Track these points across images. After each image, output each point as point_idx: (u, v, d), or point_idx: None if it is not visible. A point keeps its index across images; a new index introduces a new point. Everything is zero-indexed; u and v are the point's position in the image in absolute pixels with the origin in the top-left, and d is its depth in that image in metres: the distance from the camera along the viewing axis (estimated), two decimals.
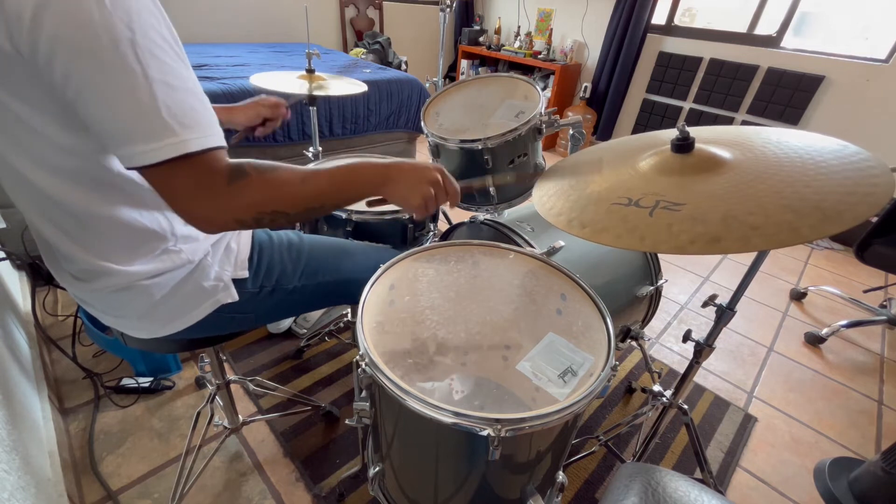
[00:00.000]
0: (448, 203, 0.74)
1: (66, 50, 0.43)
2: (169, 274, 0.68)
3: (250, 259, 0.78)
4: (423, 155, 3.13)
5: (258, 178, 0.56)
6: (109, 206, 0.59)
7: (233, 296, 0.74)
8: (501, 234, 1.11)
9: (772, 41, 2.80)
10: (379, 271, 0.76)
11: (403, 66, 3.52)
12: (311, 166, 0.64)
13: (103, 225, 0.60)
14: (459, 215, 2.01)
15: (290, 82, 1.39)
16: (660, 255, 1.27)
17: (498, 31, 4.00)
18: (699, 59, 3.04)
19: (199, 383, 1.36)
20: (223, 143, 0.55)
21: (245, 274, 0.76)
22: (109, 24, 0.44)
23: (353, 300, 0.89)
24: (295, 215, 0.61)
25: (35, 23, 0.42)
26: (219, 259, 0.73)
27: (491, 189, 1.12)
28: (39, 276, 1.54)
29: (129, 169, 0.52)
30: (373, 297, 0.72)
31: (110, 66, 0.45)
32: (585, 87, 3.55)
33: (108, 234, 0.61)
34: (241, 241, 0.78)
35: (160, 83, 0.48)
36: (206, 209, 0.54)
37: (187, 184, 0.52)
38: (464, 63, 4.13)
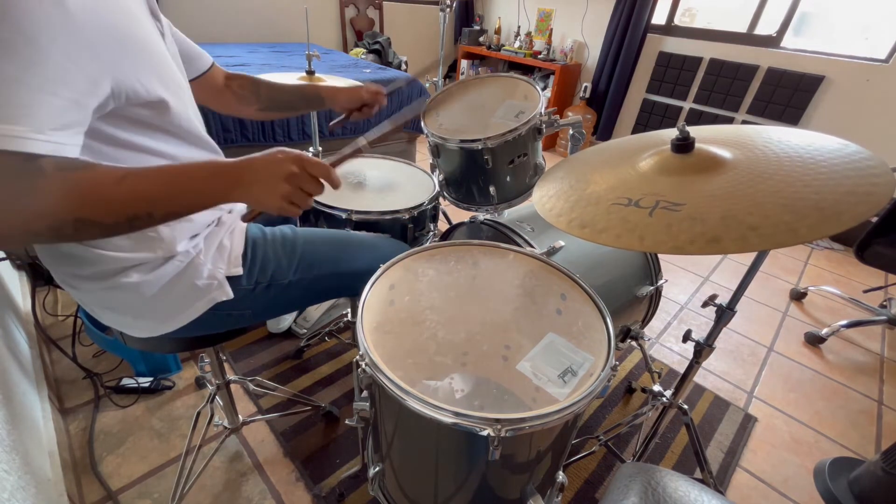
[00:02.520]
0: (330, 186, 0.64)
1: None
2: (157, 271, 0.67)
3: (244, 256, 0.78)
4: (423, 155, 3.13)
5: (58, 176, 0.46)
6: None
7: (228, 293, 0.74)
8: (501, 234, 1.11)
9: (772, 41, 2.80)
10: (379, 271, 0.76)
11: (403, 66, 3.52)
12: (140, 166, 0.54)
13: None
14: (459, 215, 2.01)
15: (290, 82, 1.39)
16: (660, 255, 1.27)
17: (498, 31, 4.00)
18: (699, 59, 3.04)
19: (199, 383, 1.36)
20: (51, 151, 0.46)
21: (239, 271, 0.76)
22: None
23: (353, 293, 0.88)
24: (112, 226, 0.51)
25: None
26: (211, 257, 0.73)
27: (491, 189, 1.13)
28: (39, 276, 1.54)
29: None
30: (373, 297, 0.72)
31: None
32: (585, 87, 3.55)
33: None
34: (233, 238, 0.78)
35: None
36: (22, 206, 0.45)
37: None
38: (464, 63, 4.13)
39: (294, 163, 0.60)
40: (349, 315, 1.59)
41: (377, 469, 0.77)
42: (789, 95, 2.71)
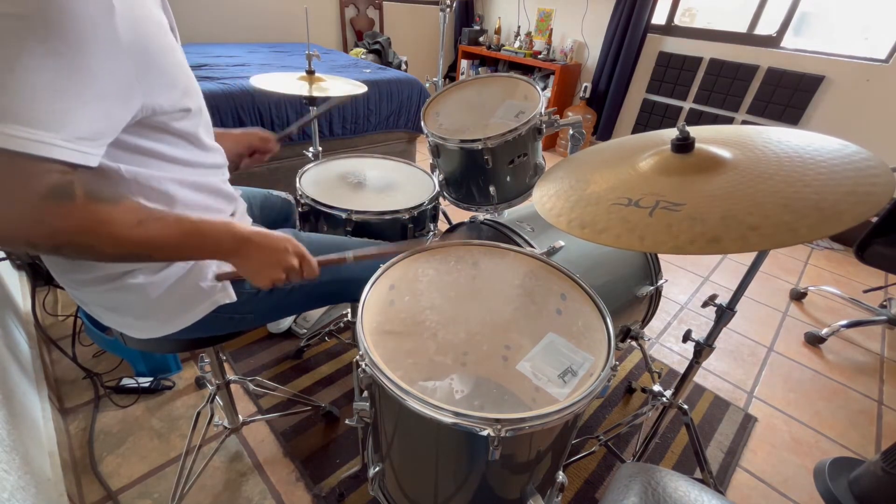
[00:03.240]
0: (310, 279, 0.72)
1: None
2: (162, 272, 0.67)
3: None
4: (423, 155, 3.13)
5: (84, 207, 0.48)
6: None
7: (231, 296, 0.74)
8: (501, 234, 1.11)
9: (772, 41, 2.80)
10: (379, 271, 0.76)
11: (403, 66, 3.52)
12: (160, 207, 0.57)
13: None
14: (459, 215, 2.01)
15: (290, 83, 1.39)
16: (660, 255, 1.27)
17: (498, 31, 4.00)
18: (699, 59, 3.04)
19: (199, 383, 1.36)
20: (75, 160, 0.47)
21: None
22: None
23: (353, 298, 0.88)
24: (110, 255, 0.53)
25: None
26: (216, 260, 0.73)
27: (491, 189, 1.13)
28: (39, 276, 1.53)
29: None
30: (373, 297, 0.72)
31: None
32: (585, 87, 3.55)
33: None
34: None
35: (21, 67, 0.43)
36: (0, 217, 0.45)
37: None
38: (464, 63, 4.13)
39: (296, 257, 0.68)
40: (349, 315, 1.59)
41: (377, 469, 0.77)
42: (789, 95, 2.71)
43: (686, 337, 1.03)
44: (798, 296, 2.10)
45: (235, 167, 0.97)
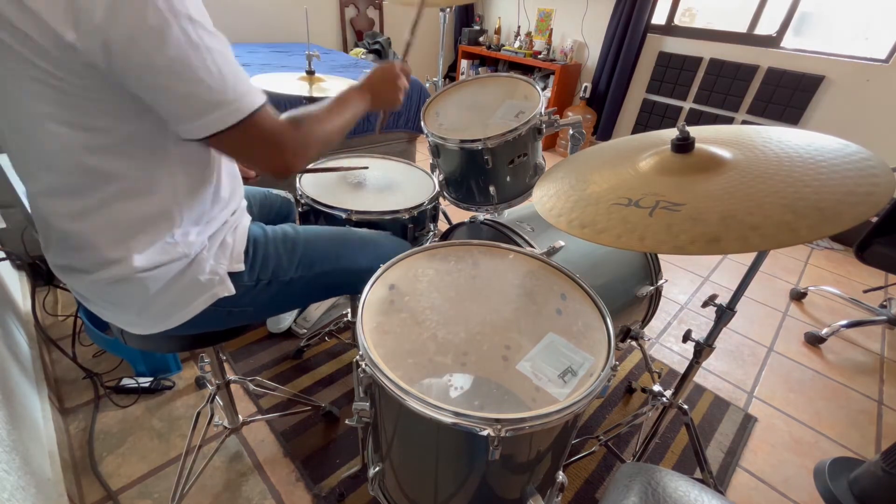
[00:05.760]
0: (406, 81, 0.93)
1: (135, 35, 0.48)
2: (164, 267, 0.68)
3: (246, 252, 0.78)
4: (423, 155, 3.13)
5: (309, 123, 0.67)
6: (133, 169, 0.61)
7: (229, 289, 0.74)
8: (501, 234, 1.11)
9: (772, 41, 2.80)
10: (379, 271, 0.76)
11: None
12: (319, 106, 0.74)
13: (124, 195, 0.61)
14: (459, 215, 2.01)
15: (290, 84, 1.39)
16: (660, 255, 1.27)
17: (498, 31, 3.99)
18: (699, 59, 3.04)
19: (199, 383, 1.36)
20: (265, 98, 0.61)
21: (241, 267, 0.76)
22: (170, 4, 0.49)
23: (354, 290, 0.89)
24: (336, 140, 0.73)
25: (109, 19, 0.47)
26: (214, 253, 0.73)
27: (491, 189, 1.13)
28: (39, 276, 1.54)
29: (193, 140, 0.58)
30: (373, 297, 0.72)
31: (177, 45, 0.50)
32: (585, 87, 3.55)
33: (125, 208, 0.62)
34: (236, 235, 0.78)
35: (217, 52, 0.54)
36: (285, 156, 0.63)
37: (263, 137, 0.60)
38: (464, 63, 4.13)
39: (397, 66, 0.90)
40: (349, 315, 1.59)
41: (377, 469, 0.77)
42: (789, 95, 2.71)
43: (686, 337, 1.03)
44: (798, 296, 2.10)
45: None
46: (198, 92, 0.53)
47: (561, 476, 0.74)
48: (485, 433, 0.52)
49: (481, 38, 4.10)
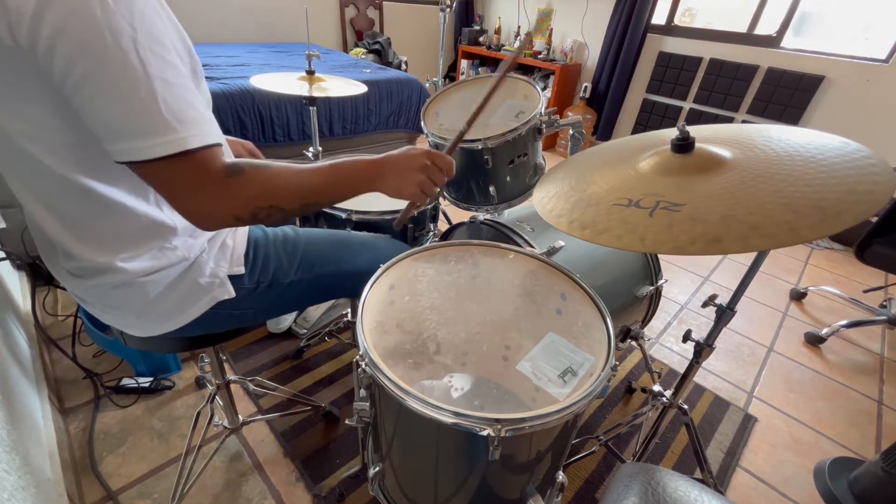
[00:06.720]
0: (448, 175, 0.74)
1: (67, 44, 0.44)
2: (164, 271, 0.68)
3: (246, 255, 0.78)
4: None
5: (254, 174, 0.57)
6: (115, 188, 0.60)
7: (229, 292, 0.74)
8: (501, 234, 1.11)
9: (772, 41, 2.80)
10: (379, 271, 0.76)
11: (403, 66, 3.52)
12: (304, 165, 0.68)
13: (109, 212, 0.60)
14: (459, 215, 2.01)
15: (290, 83, 1.39)
16: (660, 255, 1.27)
17: (498, 31, 3.99)
18: (699, 59, 3.04)
19: (199, 383, 1.36)
20: (220, 140, 0.56)
21: (241, 270, 0.76)
22: (112, 21, 0.45)
23: (353, 293, 0.89)
24: (290, 210, 0.62)
25: (36, 17, 0.43)
26: (214, 256, 0.73)
27: (491, 189, 1.13)
28: (39, 276, 1.54)
29: (120, 163, 0.52)
30: (373, 296, 0.72)
31: (111, 61, 0.46)
32: (585, 87, 3.55)
33: (112, 223, 0.62)
34: (236, 237, 0.78)
35: (160, 80, 0.49)
36: (204, 205, 0.55)
37: (186, 179, 0.53)
38: (464, 63, 4.13)
39: (426, 157, 0.71)
40: (349, 315, 1.59)
41: (377, 469, 0.77)
42: (789, 95, 2.71)
43: (686, 337, 1.03)
44: (798, 296, 2.10)
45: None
46: (122, 113, 0.49)
47: (561, 476, 0.73)
48: (485, 433, 0.52)
49: (481, 38, 4.10)
